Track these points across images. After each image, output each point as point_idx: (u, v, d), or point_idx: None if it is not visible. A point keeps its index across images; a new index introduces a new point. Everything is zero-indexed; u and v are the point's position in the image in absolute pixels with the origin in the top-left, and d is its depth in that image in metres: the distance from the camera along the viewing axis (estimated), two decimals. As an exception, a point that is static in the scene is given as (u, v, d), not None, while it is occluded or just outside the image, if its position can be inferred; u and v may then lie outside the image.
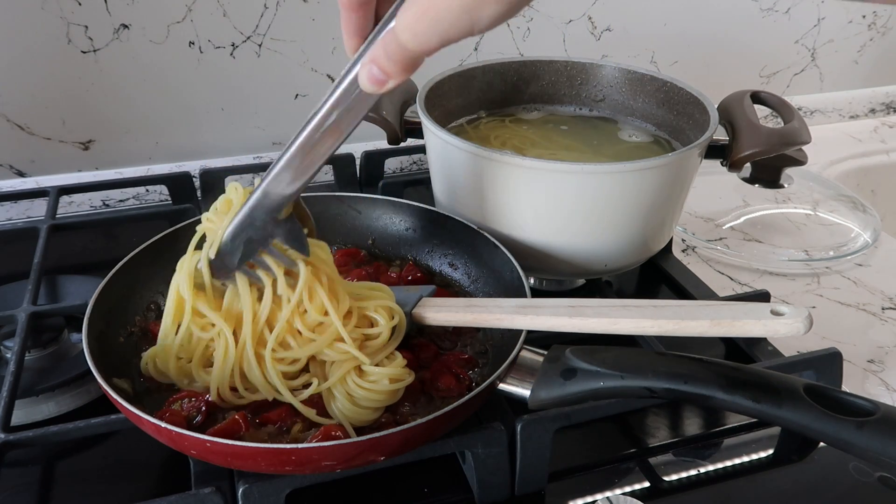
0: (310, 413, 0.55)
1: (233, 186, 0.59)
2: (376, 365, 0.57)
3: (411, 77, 0.87)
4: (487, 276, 0.71)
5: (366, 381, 0.56)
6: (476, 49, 1.09)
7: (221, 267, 0.56)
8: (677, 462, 0.64)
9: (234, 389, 0.57)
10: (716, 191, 1.00)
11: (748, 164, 0.76)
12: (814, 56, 1.27)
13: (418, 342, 0.63)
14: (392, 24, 0.41)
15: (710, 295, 0.80)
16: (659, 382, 0.51)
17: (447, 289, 0.72)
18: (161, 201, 1.02)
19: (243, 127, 1.05)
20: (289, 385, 0.56)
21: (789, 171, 0.99)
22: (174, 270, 0.69)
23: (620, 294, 0.82)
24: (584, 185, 0.67)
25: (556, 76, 0.89)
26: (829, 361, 0.67)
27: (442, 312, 0.62)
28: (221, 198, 0.59)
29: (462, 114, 0.87)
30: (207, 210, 0.59)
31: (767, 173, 0.97)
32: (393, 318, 0.59)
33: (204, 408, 0.56)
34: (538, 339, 0.63)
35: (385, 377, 0.56)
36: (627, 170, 0.67)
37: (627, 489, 0.61)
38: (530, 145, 0.81)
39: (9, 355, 0.65)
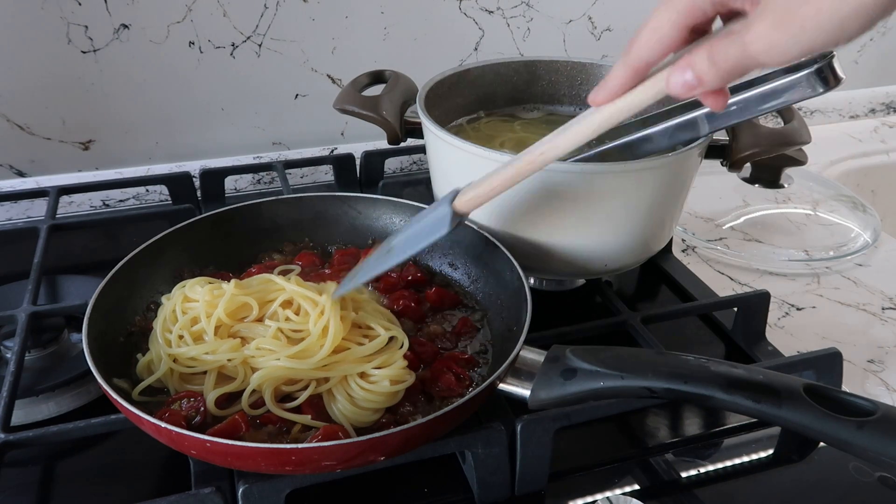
0: (304, 419, 0.55)
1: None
2: (377, 367, 0.57)
3: (411, 77, 0.87)
4: (487, 276, 0.71)
5: (366, 383, 0.56)
6: (476, 49, 1.09)
7: None
8: (677, 462, 0.64)
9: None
10: (716, 191, 1.00)
11: (748, 164, 0.76)
12: (814, 56, 1.27)
13: (418, 342, 0.63)
14: (725, 32, 0.41)
15: (710, 295, 0.80)
16: (659, 382, 0.51)
17: (447, 289, 0.72)
18: (161, 201, 1.02)
19: (243, 127, 1.05)
20: (289, 389, 0.57)
21: (789, 171, 0.99)
22: (174, 270, 0.69)
23: (620, 294, 0.82)
24: (584, 185, 0.67)
25: (556, 76, 0.89)
26: (829, 361, 0.67)
27: (475, 190, 0.55)
28: None
29: (462, 114, 0.87)
30: (208, 210, 0.59)
31: (767, 173, 0.97)
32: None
33: (203, 408, 0.56)
34: (538, 339, 0.64)
35: (385, 378, 0.57)
36: (627, 170, 0.67)
37: (627, 489, 0.61)
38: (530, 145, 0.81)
39: (9, 355, 0.65)
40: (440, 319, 0.68)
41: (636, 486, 0.61)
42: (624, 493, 0.60)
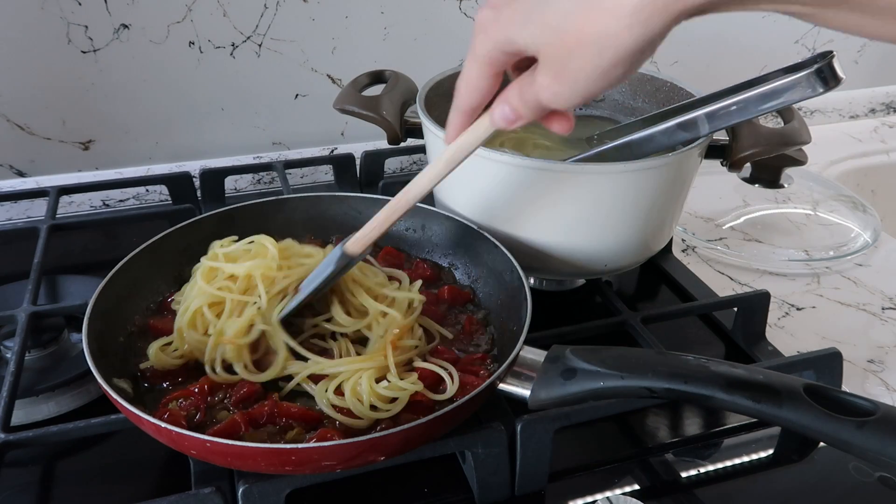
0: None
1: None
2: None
3: (411, 77, 0.88)
4: (487, 276, 0.71)
5: (380, 387, 0.57)
6: (476, 49, 1.09)
7: None
8: (677, 462, 0.64)
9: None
10: (716, 191, 1.00)
11: (748, 164, 0.76)
12: (814, 56, 1.27)
13: (437, 350, 0.63)
14: (529, 73, 0.46)
15: (710, 295, 0.80)
16: (659, 382, 0.51)
17: (455, 285, 0.72)
18: (161, 201, 1.02)
19: (243, 127, 1.05)
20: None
21: (789, 171, 0.99)
22: (174, 270, 0.70)
23: (620, 294, 0.82)
24: (584, 185, 0.67)
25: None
26: (829, 361, 0.67)
27: (360, 232, 0.60)
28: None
29: (462, 114, 0.87)
30: (208, 210, 0.59)
31: (767, 173, 0.97)
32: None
33: (202, 405, 0.56)
34: (538, 339, 0.63)
35: (406, 392, 0.57)
36: (627, 170, 0.67)
37: (627, 489, 0.61)
38: (530, 145, 0.81)
39: (9, 355, 0.65)
40: (452, 321, 0.68)
41: (636, 486, 0.61)
42: (624, 493, 0.60)
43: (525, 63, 0.47)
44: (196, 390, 0.58)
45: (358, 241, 0.60)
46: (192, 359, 0.61)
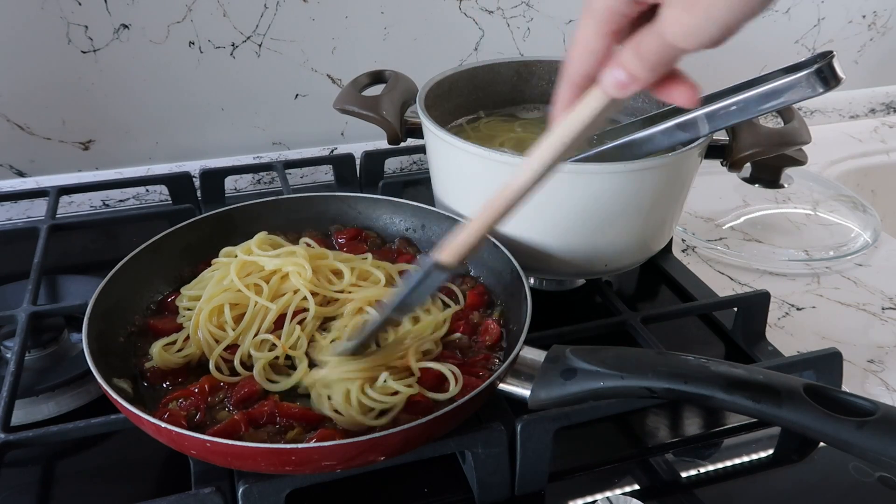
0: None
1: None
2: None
3: (411, 77, 0.87)
4: (487, 276, 0.71)
5: (375, 391, 0.57)
6: (476, 49, 1.09)
7: None
8: (677, 462, 0.64)
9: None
10: (716, 191, 1.00)
11: (748, 164, 0.76)
12: (814, 56, 1.27)
13: (443, 353, 0.63)
14: (647, 27, 0.41)
15: (710, 295, 0.80)
16: (659, 382, 0.51)
17: (447, 288, 0.72)
18: (161, 201, 1.02)
19: (243, 127, 1.05)
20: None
21: (789, 171, 0.99)
22: (174, 270, 0.70)
23: (620, 294, 0.82)
24: (585, 185, 0.67)
25: (556, 76, 0.89)
26: (829, 361, 0.67)
27: (453, 244, 0.53)
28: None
29: (462, 114, 0.87)
30: (208, 210, 0.60)
31: (767, 173, 0.97)
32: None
33: (202, 405, 0.56)
34: (538, 339, 0.63)
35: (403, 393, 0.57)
36: (627, 170, 0.67)
37: (627, 489, 0.61)
38: (530, 145, 0.81)
39: (9, 355, 0.65)
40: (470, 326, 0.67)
41: (636, 486, 0.61)
42: (624, 493, 0.60)
43: (640, 24, 0.42)
44: (196, 390, 0.58)
45: (451, 250, 0.52)
46: (195, 358, 0.61)
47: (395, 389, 0.57)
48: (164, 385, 0.60)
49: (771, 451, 0.65)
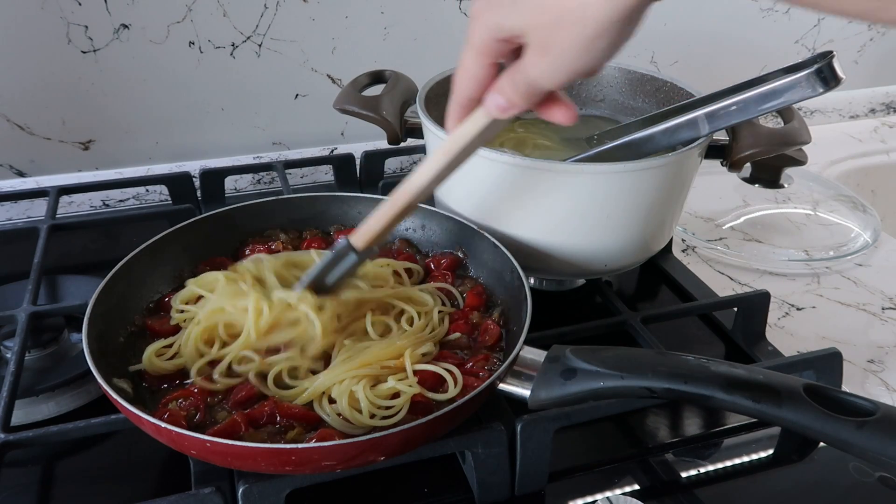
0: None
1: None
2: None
3: (411, 77, 0.88)
4: (487, 276, 0.71)
5: (374, 394, 0.57)
6: (476, 49, 1.09)
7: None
8: (677, 462, 0.64)
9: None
10: (716, 191, 1.00)
11: (748, 164, 0.76)
12: (814, 56, 1.27)
13: (442, 354, 0.63)
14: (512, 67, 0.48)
15: (710, 295, 0.80)
16: (659, 382, 0.51)
17: (445, 289, 0.72)
18: (161, 201, 1.02)
19: (243, 127, 1.05)
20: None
21: (789, 171, 0.99)
22: (174, 270, 0.70)
23: (620, 294, 0.82)
24: (584, 185, 0.67)
25: (556, 76, 0.89)
26: (829, 361, 0.67)
27: (364, 228, 0.60)
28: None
29: (462, 114, 0.87)
30: (208, 210, 0.59)
31: (767, 173, 0.97)
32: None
33: (202, 405, 0.56)
34: (538, 339, 0.63)
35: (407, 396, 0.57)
36: (627, 170, 0.67)
37: (627, 489, 0.61)
38: (530, 145, 0.81)
39: (9, 355, 0.65)
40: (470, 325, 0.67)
41: (636, 486, 0.61)
42: (624, 493, 0.60)
43: (518, 54, 0.48)
44: (196, 390, 0.58)
45: (360, 235, 0.60)
46: (187, 365, 0.61)
47: (396, 391, 0.57)
48: (164, 386, 0.60)
49: (771, 451, 0.65)
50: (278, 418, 0.56)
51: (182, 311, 0.64)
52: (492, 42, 0.48)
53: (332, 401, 0.57)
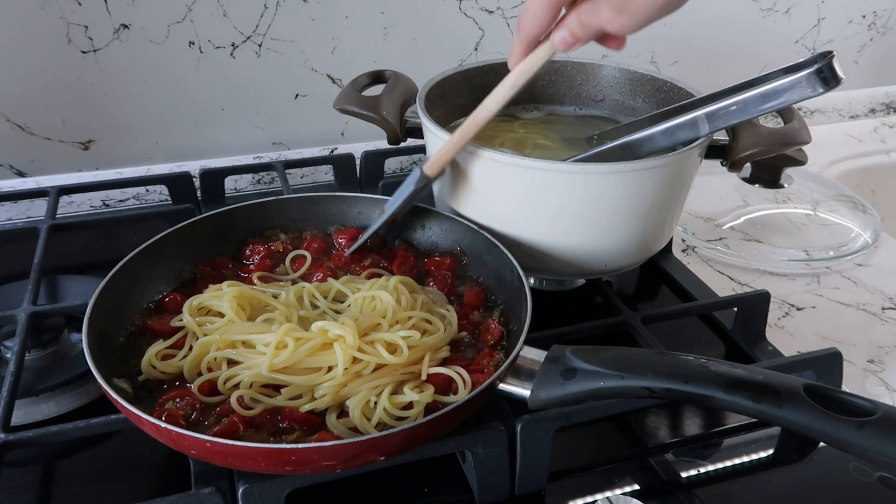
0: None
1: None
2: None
3: (411, 77, 0.88)
4: (487, 276, 0.71)
5: (391, 404, 0.56)
6: (476, 49, 1.09)
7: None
8: (677, 462, 0.64)
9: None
10: (716, 191, 1.00)
11: (748, 164, 0.76)
12: (814, 56, 1.27)
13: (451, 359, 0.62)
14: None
15: (710, 295, 0.80)
16: (659, 382, 0.51)
17: (476, 284, 0.72)
18: (161, 201, 1.02)
19: (243, 127, 1.05)
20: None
21: (789, 171, 0.99)
22: (174, 270, 0.70)
23: (620, 294, 0.83)
24: (584, 185, 0.67)
25: (555, 76, 0.89)
26: (829, 361, 0.67)
27: (434, 156, 0.69)
28: None
29: (462, 114, 0.87)
30: (208, 210, 0.59)
31: (767, 173, 0.97)
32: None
33: (198, 405, 0.56)
34: (538, 339, 0.63)
35: (421, 405, 0.56)
36: (627, 170, 0.67)
37: (627, 489, 0.61)
38: (530, 145, 0.81)
39: (9, 355, 0.65)
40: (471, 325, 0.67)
41: (636, 486, 0.61)
42: (624, 493, 0.60)
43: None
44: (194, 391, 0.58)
45: (433, 164, 0.69)
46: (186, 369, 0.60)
47: (409, 401, 0.56)
48: (164, 387, 0.60)
49: (771, 451, 0.65)
50: (279, 419, 0.56)
51: (187, 318, 0.63)
52: None
53: (342, 414, 0.56)
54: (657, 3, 0.52)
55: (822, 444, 0.64)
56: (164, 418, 0.53)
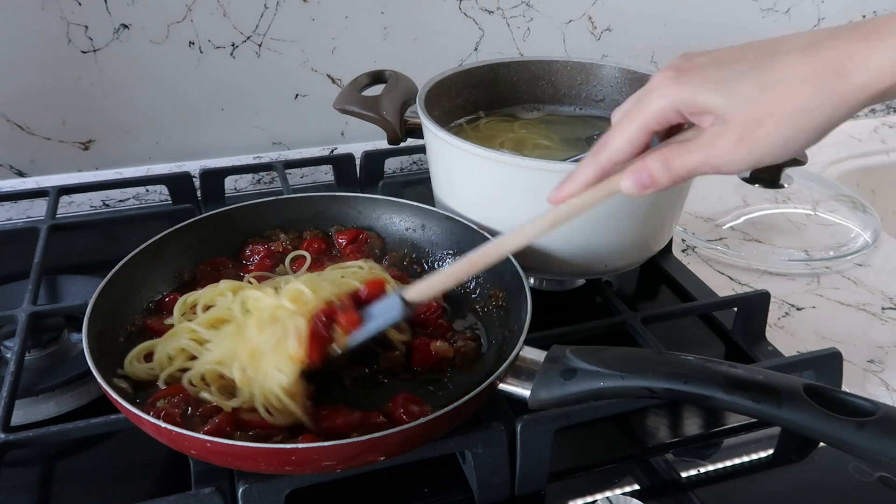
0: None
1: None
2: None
3: (411, 77, 0.88)
4: (487, 276, 0.71)
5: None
6: (476, 49, 1.09)
7: None
8: (677, 462, 0.64)
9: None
10: (716, 191, 1.00)
11: (748, 164, 0.76)
12: (814, 56, 1.27)
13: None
14: (679, 142, 0.48)
15: (710, 295, 0.80)
16: (659, 382, 0.51)
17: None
18: (161, 201, 1.02)
19: (243, 127, 1.05)
20: None
21: (789, 171, 0.99)
22: (174, 270, 0.70)
23: (620, 294, 0.82)
24: (584, 185, 0.67)
25: (555, 76, 0.89)
26: (829, 361, 0.67)
27: (426, 282, 0.57)
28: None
29: (462, 114, 0.87)
30: (208, 210, 0.59)
31: (767, 173, 0.97)
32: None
33: (192, 400, 0.56)
34: (538, 339, 0.63)
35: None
36: (627, 170, 0.67)
37: (627, 489, 0.61)
38: (530, 145, 0.81)
39: (9, 355, 0.65)
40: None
41: (636, 486, 0.61)
42: (624, 493, 0.60)
43: (670, 134, 0.50)
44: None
45: (419, 291, 0.57)
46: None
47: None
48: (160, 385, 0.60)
49: (771, 451, 0.65)
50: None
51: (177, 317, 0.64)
52: (671, 112, 0.47)
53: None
54: (784, 137, 0.45)
55: (822, 444, 0.64)
56: (161, 417, 0.53)
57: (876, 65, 0.43)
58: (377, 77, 0.84)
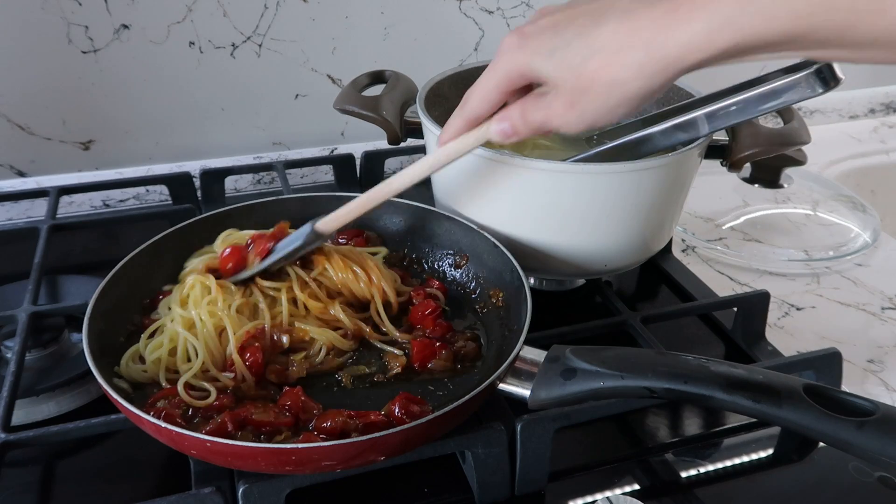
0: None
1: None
2: None
3: (411, 77, 0.88)
4: (487, 276, 0.71)
5: None
6: (476, 49, 1.09)
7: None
8: (677, 462, 0.64)
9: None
10: (716, 191, 1.00)
11: (748, 164, 0.76)
12: (814, 56, 1.27)
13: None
14: (535, 96, 0.54)
15: (710, 295, 0.80)
16: (659, 382, 0.51)
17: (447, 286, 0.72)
18: (161, 201, 1.02)
19: (243, 127, 1.05)
20: None
21: (789, 171, 0.99)
22: (174, 270, 0.70)
23: (620, 294, 0.83)
24: (584, 185, 0.67)
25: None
26: (829, 361, 0.67)
27: (334, 214, 0.66)
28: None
29: (462, 114, 0.87)
30: (208, 210, 0.60)
31: (767, 173, 0.97)
32: None
33: (187, 404, 0.56)
34: (538, 339, 0.63)
35: None
36: (627, 170, 0.67)
37: (627, 489, 0.61)
38: (530, 145, 0.81)
39: (9, 355, 0.65)
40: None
41: (636, 486, 0.61)
42: (624, 493, 0.60)
43: (524, 91, 0.55)
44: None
45: (329, 223, 0.65)
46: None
47: None
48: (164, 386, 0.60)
49: (771, 451, 0.65)
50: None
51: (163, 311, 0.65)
52: (517, 76, 0.53)
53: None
54: (605, 106, 0.49)
55: (822, 444, 0.64)
56: (162, 417, 0.53)
57: (686, 39, 0.44)
58: (377, 77, 0.84)
